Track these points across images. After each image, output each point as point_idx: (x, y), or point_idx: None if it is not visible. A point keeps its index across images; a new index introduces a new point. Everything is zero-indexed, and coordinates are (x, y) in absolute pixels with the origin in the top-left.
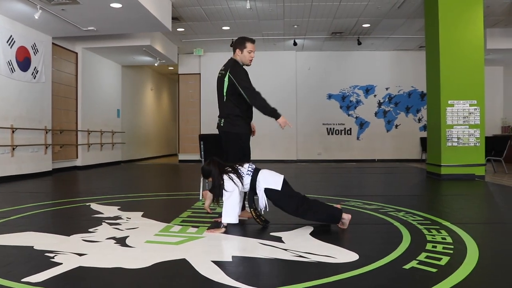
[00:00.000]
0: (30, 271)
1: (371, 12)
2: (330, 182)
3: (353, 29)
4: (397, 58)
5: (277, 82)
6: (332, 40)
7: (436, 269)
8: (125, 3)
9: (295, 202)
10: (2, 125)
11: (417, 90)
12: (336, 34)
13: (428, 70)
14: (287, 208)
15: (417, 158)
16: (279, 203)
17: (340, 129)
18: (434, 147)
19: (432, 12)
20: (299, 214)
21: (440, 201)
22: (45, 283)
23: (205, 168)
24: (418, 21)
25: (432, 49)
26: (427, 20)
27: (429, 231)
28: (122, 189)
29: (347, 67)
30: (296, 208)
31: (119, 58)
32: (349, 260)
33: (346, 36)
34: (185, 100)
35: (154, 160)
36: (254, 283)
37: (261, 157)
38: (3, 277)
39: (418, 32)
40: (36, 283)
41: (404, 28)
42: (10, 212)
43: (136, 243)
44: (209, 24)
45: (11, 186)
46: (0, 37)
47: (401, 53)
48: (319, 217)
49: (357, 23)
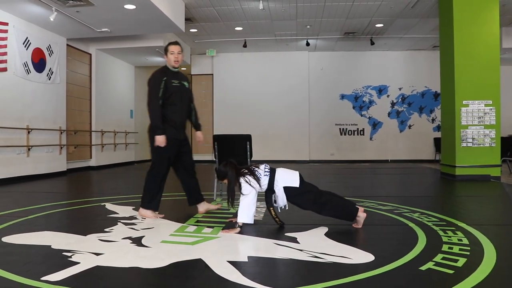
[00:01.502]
0: (48, 270)
1: (384, 12)
2: (344, 183)
3: (366, 29)
4: (411, 58)
5: (290, 83)
6: (345, 40)
7: (453, 271)
8: (138, 5)
9: (313, 196)
10: (18, 125)
11: (431, 90)
12: (349, 34)
13: (442, 70)
14: (305, 203)
15: (430, 159)
16: (297, 200)
17: (353, 129)
18: (449, 148)
19: (446, 11)
20: (316, 208)
21: (455, 202)
22: (63, 282)
23: (221, 170)
24: (432, 21)
25: (446, 48)
26: (442, 20)
27: (445, 232)
28: (136, 189)
29: (360, 67)
30: (314, 202)
31: (132, 59)
32: (365, 261)
33: (359, 36)
34: (198, 101)
35: None
36: (270, 283)
37: (273, 158)
38: (23, 275)
39: (432, 31)
40: (55, 281)
41: (417, 27)
42: (27, 211)
43: (152, 243)
44: (222, 24)
45: (27, 186)
46: (17, 39)
47: (415, 53)
48: (335, 212)
49: (370, 23)
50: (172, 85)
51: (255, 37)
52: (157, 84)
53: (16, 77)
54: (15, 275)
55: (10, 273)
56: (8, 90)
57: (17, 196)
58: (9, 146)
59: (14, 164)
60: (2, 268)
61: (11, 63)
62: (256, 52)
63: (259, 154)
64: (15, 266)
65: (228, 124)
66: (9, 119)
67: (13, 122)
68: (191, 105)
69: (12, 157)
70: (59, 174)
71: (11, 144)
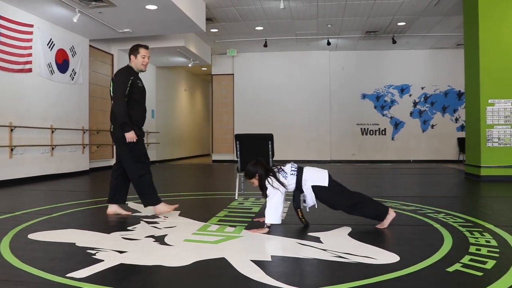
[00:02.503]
0: (73, 267)
1: (406, 10)
2: (366, 183)
3: (388, 27)
4: (433, 56)
5: (311, 82)
6: (366, 39)
7: (482, 273)
8: (160, 5)
9: (346, 196)
10: (42, 125)
11: (454, 89)
12: (371, 33)
13: (467, 68)
14: (337, 202)
15: (454, 159)
16: (329, 199)
17: (374, 129)
18: (473, 148)
19: (471, 9)
20: (349, 208)
21: (481, 203)
22: (88, 279)
23: (250, 169)
24: (455, 18)
25: (471, 46)
26: (466, 17)
27: (472, 233)
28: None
29: (382, 67)
30: (347, 202)
31: (153, 59)
32: (390, 261)
33: (380, 35)
34: (219, 101)
35: (187, 160)
36: (295, 283)
37: (294, 158)
38: (49, 271)
39: (455, 29)
40: (80, 278)
41: (441, 25)
42: (51, 209)
43: (174, 241)
44: (243, 24)
45: (51, 184)
46: (41, 40)
47: (438, 52)
48: (367, 212)
49: (392, 22)
50: (138, 85)
51: (275, 36)
52: (125, 82)
53: (40, 78)
54: (42, 271)
55: (36, 269)
56: (33, 90)
57: (41, 194)
58: (34, 145)
59: (39, 163)
60: (29, 264)
61: (36, 64)
62: (276, 52)
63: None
64: (41, 263)
65: (248, 123)
66: (34, 119)
67: (37, 122)
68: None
69: (36, 156)
70: (82, 173)
71: (35, 143)
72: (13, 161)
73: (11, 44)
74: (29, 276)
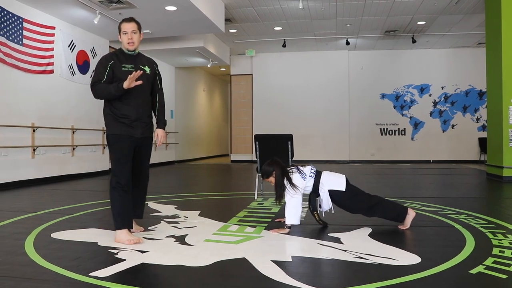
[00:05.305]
0: (96, 266)
1: (426, 9)
2: (385, 183)
3: (408, 27)
4: (454, 55)
5: (329, 82)
6: (386, 38)
7: (506, 276)
8: (180, 6)
9: (364, 199)
10: (64, 126)
11: (475, 88)
12: (390, 32)
13: (489, 67)
14: (355, 206)
15: (475, 159)
16: (345, 203)
17: (393, 129)
18: (495, 148)
19: (493, 6)
20: (367, 211)
21: (504, 204)
22: (111, 278)
23: (265, 168)
24: (477, 17)
25: (493, 45)
26: (488, 15)
27: (494, 235)
28: (178, 189)
29: (401, 66)
30: (365, 205)
31: (172, 59)
32: (411, 262)
33: (400, 34)
34: (237, 101)
35: (206, 160)
36: (316, 284)
37: (312, 158)
38: (73, 270)
39: (476, 28)
40: (103, 277)
41: (461, 24)
42: (73, 209)
43: (195, 241)
44: (261, 24)
45: (72, 184)
46: (62, 42)
47: (458, 51)
48: (386, 213)
49: (412, 21)
50: (122, 70)
51: (294, 36)
52: (99, 69)
53: (61, 79)
54: (66, 270)
55: (61, 268)
56: (54, 91)
57: (63, 194)
58: (55, 145)
59: (60, 163)
60: (53, 263)
61: (57, 65)
62: (295, 52)
63: (299, 154)
64: (65, 262)
65: (267, 124)
66: (55, 120)
67: (59, 123)
68: (157, 95)
69: (58, 156)
70: (101, 173)
71: (57, 143)
72: (35, 161)
73: (34, 46)
74: (54, 274)
